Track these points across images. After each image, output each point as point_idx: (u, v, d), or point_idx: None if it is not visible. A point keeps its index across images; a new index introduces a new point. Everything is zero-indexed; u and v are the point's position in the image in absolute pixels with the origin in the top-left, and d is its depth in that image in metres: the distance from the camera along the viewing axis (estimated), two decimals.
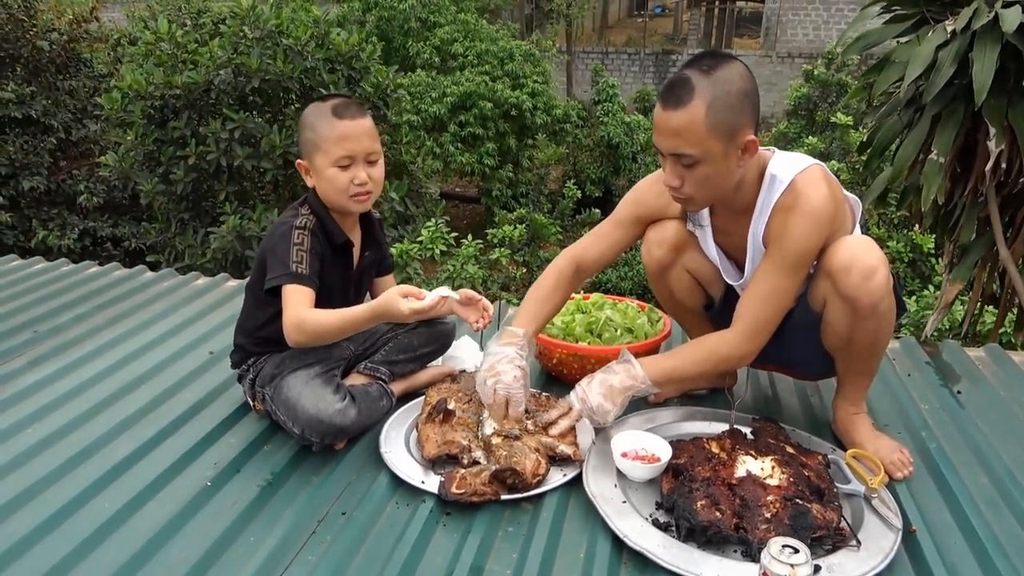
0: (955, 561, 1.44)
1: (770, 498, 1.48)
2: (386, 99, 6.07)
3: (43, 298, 2.72)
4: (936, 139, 3.11)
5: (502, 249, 7.10)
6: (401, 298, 1.62)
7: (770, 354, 1.71)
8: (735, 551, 1.44)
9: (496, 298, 6.11)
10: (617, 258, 2.02)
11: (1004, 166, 3.02)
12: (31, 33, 6.36)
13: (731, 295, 1.86)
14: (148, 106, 5.35)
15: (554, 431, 1.72)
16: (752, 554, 1.39)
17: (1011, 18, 2.73)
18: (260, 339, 1.86)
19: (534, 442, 1.69)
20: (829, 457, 1.66)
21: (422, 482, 1.64)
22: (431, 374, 2.09)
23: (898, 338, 2.45)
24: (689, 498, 1.48)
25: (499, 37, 13.03)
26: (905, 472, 1.70)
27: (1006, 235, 3.30)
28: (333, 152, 1.73)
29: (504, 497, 1.59)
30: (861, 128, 8.81)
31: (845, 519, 1.47)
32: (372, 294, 2.04)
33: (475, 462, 1.67)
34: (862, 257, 1.57)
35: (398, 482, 1.66)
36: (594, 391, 1.70)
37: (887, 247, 6.17)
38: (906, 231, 6.42)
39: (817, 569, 1.34)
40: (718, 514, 1.45)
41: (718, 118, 1.49)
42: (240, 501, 1.59)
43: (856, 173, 7.39)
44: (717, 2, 21.54)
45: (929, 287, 5.50)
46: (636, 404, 1.85)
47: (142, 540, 1.46)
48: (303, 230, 1.74)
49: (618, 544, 1.47)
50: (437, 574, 1.40)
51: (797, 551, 1.21)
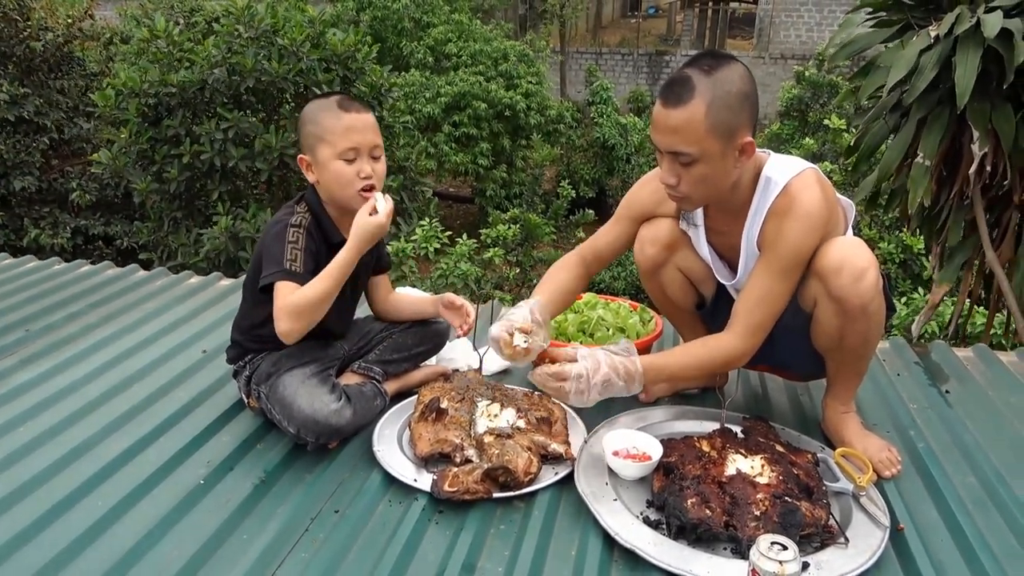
0: (942, 559, 1.46)
1: (760, 496, 1.49)
2: (381, 99, 6.07)
3: (35, 296, 2.71)
4: (922, 142, 3.15)
5: (496, 249, 7.10)
6: (366, 214, 1.71)
7: (761, 355, 1.72)
8: (725, 548, 1.45)
9: (489, 297, 6.11)
10: (620, 254, 2.04)
11: (989, 169, 3.05)
12: (25, 33, 6.33)
13: (723, 295, 1.87)
14: (142, 104, 5.33)
15: (549, 369, 1.63)
16: (742, 551, 1.40)
17: (992, 23, 2.76)
18: (257, 337, 1.85)
19: (526, 440, 1.70)
20: (818, 456, 1.68)
21: (415, 480, 1.64)
22: (424, 373, 2.09)
23: (888, 338, 2.47)
24: (680, 496, 1.50)
25: (493, 37, 13.03)
26: (893, 471, 1.71)
27: (992, 237, 3.33)
28: (339, 144, 1.71)
29: (496, 495, 1.60)
30: (851, 131, 8.84)
31: (833, 517, 1.49)
32: (368, 293, 2.04)
33: (467, 460, 1.67)
34: (852, 258, 1.58)
35: (391, 480, 1.67)
36: (596, 385, 1.61)
37: (879, 248, 6.21)
38: (897, 232, 6.46)
39: (805, 566, 1.36)
40: (708, 512, 1.46)
41: (717, 118, 1.50)
42: (233, 499, 1.60)
43: (847, 175, 7.43)
44: (710, 3, 21.60)
45: (919, 290, 5.53)
46: (627, 403, 1.86)
47: (135, 538, 1.46)
48: (299, 228, 1.73)
49: (609, 542, 1.48)
50: (429, 572, 1.41)
51: (786, 548, 1.23)
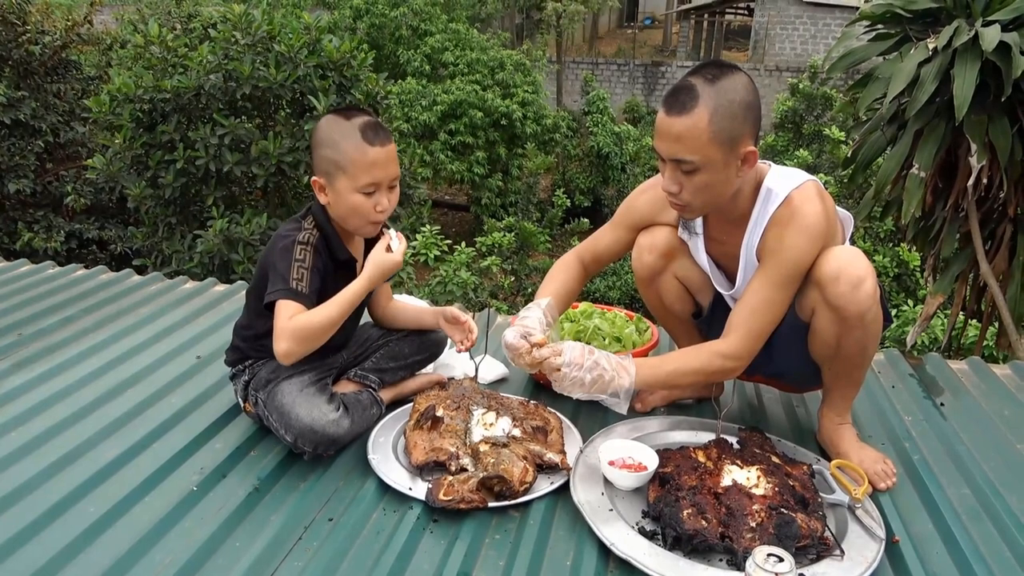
0: (937, 571, 1.46)
1: (755, 507, 1.49)
2: (376, 107, 6.07)
3: (28, 300, 2.69)
4: (918, 154, 3.17)
5: (493, 258, 7.12)
6: (382, 250, 1.74)
7: (757, 365, 1.72)
8: (720, 559, 1.45)
9: (485, 305, 6.11)
10: (617, 259, 2.04)
11: (985, 182, 3.07)
12: (23, 37, 6.31)
13: (719, 304, 1.87)
14: (137, 109, 5.32)
15: (538, 354, 1.63)
16: (737, 563, 1.40)
17: (990, 36, 2.78)
18: (260, 346, 1.83)
19: (522, 450, 1.70)
20: (814, 467, 1.68)
21: (409, 489, 1.64)
22: (420, 382, 2.09)
23: (883, 350, 2.47)
24: (675, 507, 1.49)
25: (490, 46, 13.09)
26: (888, 483, 1.71)
27: (986, 249, 3.35)
28: (360, 179, 1.68)
29: (491, 504, 1.59)
30: (848, 142, 8.90)
31: (829, 528, 1.48)
32: (370, 306, 2.04)
33: (463, 469, 1.67)
34: (850, 267, 1.58)
35: (385, 488, 1.66)
36: (589, 362, 1.60)
37: (874, 261, 6.24)
38: (892, 246, 6.49)
39: None
40: (704, 523, 1.46)
41: (720, 126, 1.51)
42: (226, 506, 1.59)
43: (844, 186, 7.48)
44: (706, 15, 21.75)
45: (909, 302, 5.55)
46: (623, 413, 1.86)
47: (127, 545, 1.45)
48: (306, 246, 1.70)
49: (604, 552, 1.47)
50: None
51: (782, 560, 1.22)
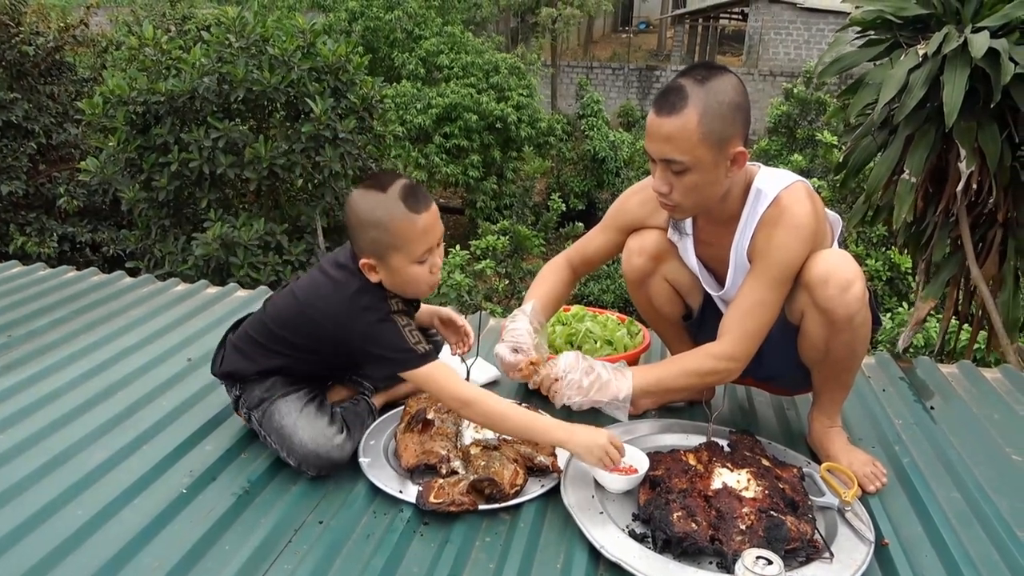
0: (926, 574, 1.46)
1: (745, 510, 1.50)
2: (371, 110, 6.07)
3: (19, 302, 2.68)
4: (908, 160, 3.19)
5: (487, 261, 7.12)
6: (606, 442, 1.58)
7: (748, 368, 1.72)
8: (710, 562, 1.45)
9: (479, 308, 6.12)
10: (606, 261, 2.05)
11: (975, 187, 3.09)
12: (17, 38, 6.30)
13: (709, 306, 1.88)
14: (131, 112, 5.31)
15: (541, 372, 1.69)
16: (727, 565, 1.40)
17: (979, 43, 2.80)
18: (263, 372, 1.79)
19: (512, 452, 1.70)
20: (804, 470, 1.68)
21: (400, 492, 1.63)
22: (411, 385, 2.08)
23: (873, 354, 2.48)
24: (666, 509, 1.50)
25: (485, 50, 13.12)
26: (878, 485, 1.72)
27: (977, 254, 3.37)
28: (416, 251, 1.62)
29: (482, 507, 1.59)
30: (841, 147, 8.94)
31: (819, 531, 1.49)
32: None
33: (453, 472, 1.67)
34: (839, 270, 1.59)
35: (376, 491, 1.65)
36: (584, 367, 1.65)
37: (866, 265, 6.26)
38: (884, 250, 6.51)
39: None
40: (694, 526, 1.46)
41: (710, 127, 1.52)
42: (216, 509, 1.58)
43: (836, 191, 7.51)
44: (701, 20, 21.83)
45: (903, 305, 5.58)
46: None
47: (115, 548, 1.44)
48: (400, 314, 1.69)
49: (595, 555, 1.47)
50: None
51: (771, 563, 1.23)
